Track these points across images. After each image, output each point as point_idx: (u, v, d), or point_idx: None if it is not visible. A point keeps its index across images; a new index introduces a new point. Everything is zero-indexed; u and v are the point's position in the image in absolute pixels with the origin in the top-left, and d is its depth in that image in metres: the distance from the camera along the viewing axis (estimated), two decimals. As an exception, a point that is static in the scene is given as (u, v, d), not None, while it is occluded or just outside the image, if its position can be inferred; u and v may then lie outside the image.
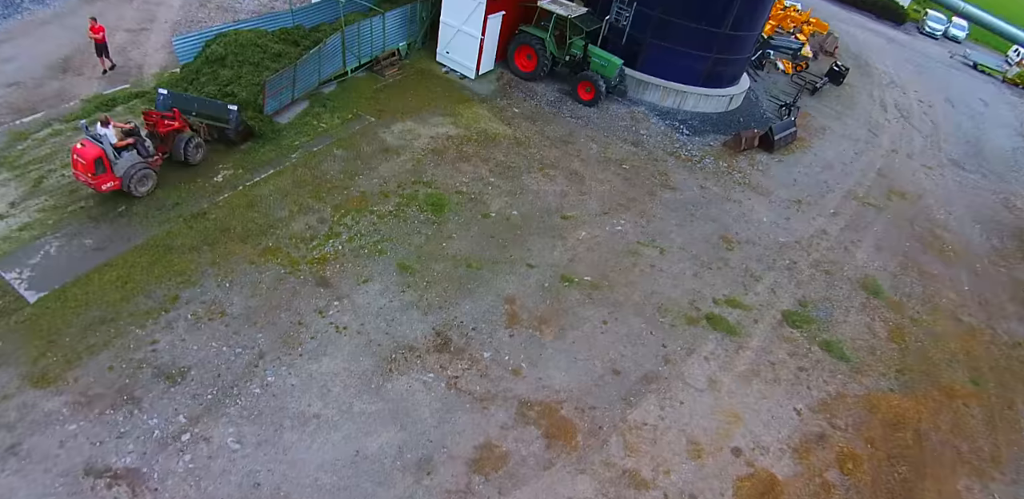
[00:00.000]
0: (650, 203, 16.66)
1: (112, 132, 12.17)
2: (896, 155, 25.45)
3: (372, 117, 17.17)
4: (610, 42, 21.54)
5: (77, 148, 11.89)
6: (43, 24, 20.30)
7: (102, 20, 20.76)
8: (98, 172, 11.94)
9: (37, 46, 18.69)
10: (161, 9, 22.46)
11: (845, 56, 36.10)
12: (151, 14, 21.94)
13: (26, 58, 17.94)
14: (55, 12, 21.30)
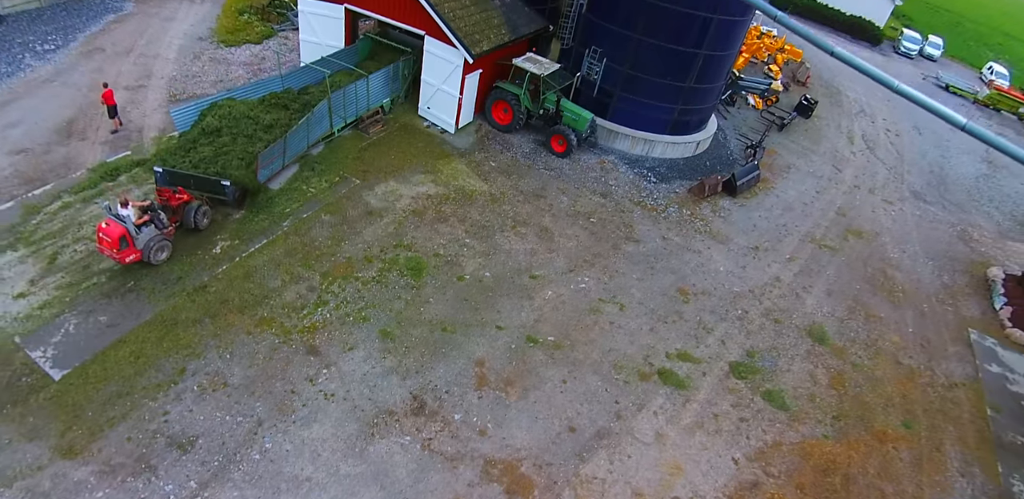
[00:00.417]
0: (614, 257, 18.40)
1: (132, 212, 13.84)
2: (858, 191, 27.28)
3: (357, 179, 18.86)
4: (582, 94, 23.31)
5: (102, 227, 13.58)
6: (46, 82, 21.91)
7: (101, 75, 22.55)
8: (122, 248, 13.66)
9: (41, 108, 20.30)
10: (157, 62, 24.08)
11: (817, 84, 37.98)
12: (148, 69, 23.55)
13: (31, 121, 19.56)
14: (56, 68, 22.92)
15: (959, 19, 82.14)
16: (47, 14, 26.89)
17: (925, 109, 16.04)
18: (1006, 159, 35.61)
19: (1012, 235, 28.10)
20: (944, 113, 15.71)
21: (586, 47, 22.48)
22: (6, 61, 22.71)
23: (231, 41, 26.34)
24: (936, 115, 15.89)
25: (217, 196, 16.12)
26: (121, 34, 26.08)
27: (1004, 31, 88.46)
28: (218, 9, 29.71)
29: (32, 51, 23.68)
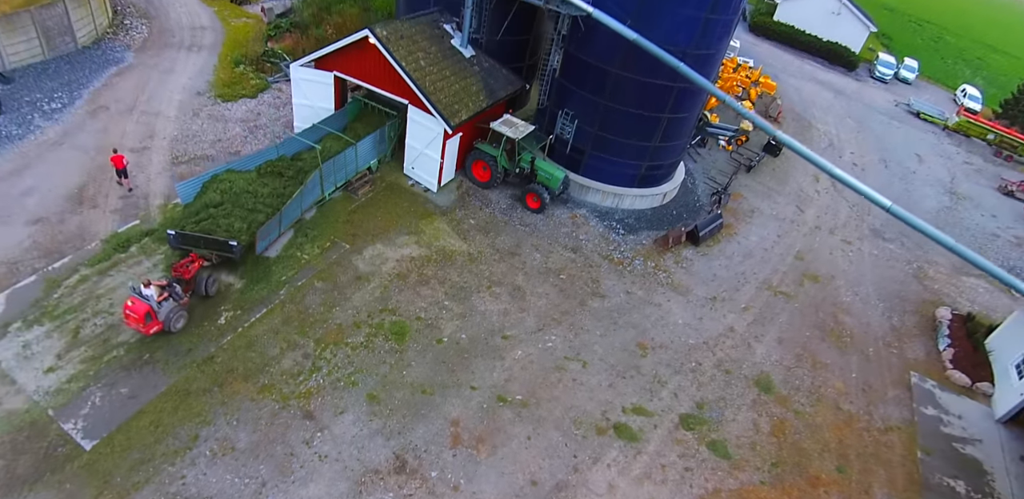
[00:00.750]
0: (580, 314, 20.63)
1: (154, 291, 16.01)
2: (818, 232, 29.56)
3: (347, 243, 21.02)
4: (556, 151, 25.51)
5: (128, 305, 15.77)
6: (55, 145, 23.97)
7: (106, 135, 24.67)
8: (147, 322, 15.88)
9: (53, 173, 22.38)
10: (159, 121, 26.17)
11: (789, 117, 40.23)
12: (150, 128, 25.64)
13: (45, 188, 21.64)
14: (64, 128, 24.99)
15: (941, 32, 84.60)
16: (52, 68, 28.92)
17: (856, 191, 18.13)
18: (970, 190, 38.04)
19: (967, 270, 30.34)
20: (871, 196, 17.88)
21: (559, 108, 24.68)
22: (16, 122, 24.78)
23: (228, 95, 28.42)
24: (865, 197, 18.00)
25: (225, 254, 18.32)
26: (123, 89, 28.15)
27: (986, 42, 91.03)
28: (215, 59, 31.80)
29: (40, 110, 25.73)
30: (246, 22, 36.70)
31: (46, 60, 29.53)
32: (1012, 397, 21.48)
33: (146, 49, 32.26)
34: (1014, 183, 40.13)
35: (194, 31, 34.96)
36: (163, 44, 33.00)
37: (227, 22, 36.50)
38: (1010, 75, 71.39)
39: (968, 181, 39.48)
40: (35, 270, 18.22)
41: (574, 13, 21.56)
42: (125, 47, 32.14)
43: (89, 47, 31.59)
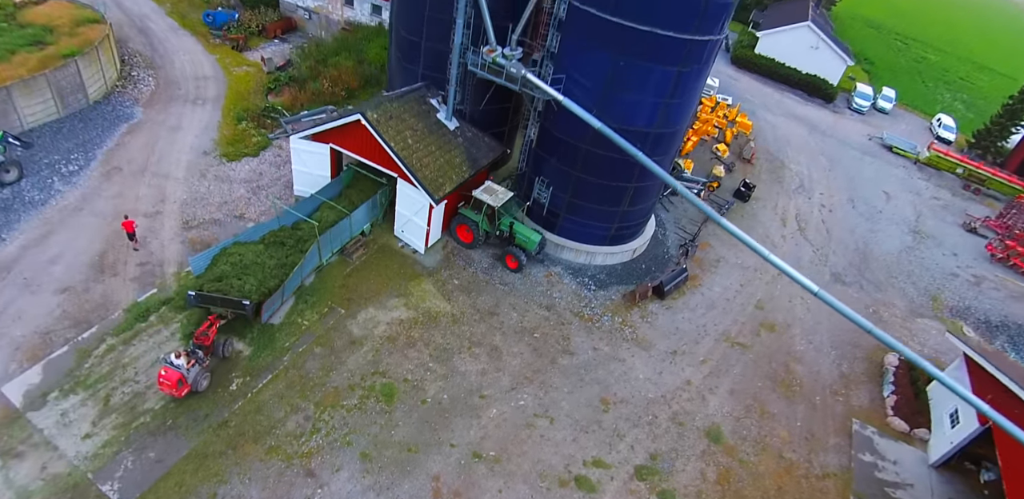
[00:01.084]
0: (550, 372, 23.49)
1: (184, 361, 18.88)
2: (780, 279, 32.33)
3: (342, 308, 23.86)
4: (534, 212, 28.36)
5: (162, 374, 18.78)
6: (75, 211, 26.73)
7: (121, 199, 27.45)
8: (179, 387, 18.80)
9: (75, 241, 25.16)
10: (169, 183, 28.94)
11: (763, 158, 43.04)
12: (162, 191, 28.41)
13: (69, 256, 24.43)
14: (82, 193, 27.75)
15: (925, 51, 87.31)
16: (66, 127, 31.68)
17: (788, 276, 20.75)
18: (934, 227, 40.80)
19: (922, 311, 33.32)
20: (801, 281, 20.46)
21: (536, 175, 27.50)
22: (38, 187, 27.56)
23: (232, 155, 31.20)
24: (796, 282, 20.64)
25: (238, 311, 21.24)
26: (134, 149, 30.91)
27: (971, 59, 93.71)
28: (218, 114, 34.57)
29: (59, 173, 28.50)
30: (247, 71, 39.44)
31: (60, 118, 32.31)
32: (944, 444, 24.29)
33: (154, 103, 35.02)
34: (978, 219, 43.02)
35: (198, 82, 37.70)
36: (169, 97, 35.75)
37: (229, 71, 39.25)
38: (990, 97, 74.23)
39: (934, 218, 42.33)
40: (67, 340, 21.04)
41: (547, 98, 24.35)
42: (134, 101, 34.90)
43: (100, 102, 34.38)
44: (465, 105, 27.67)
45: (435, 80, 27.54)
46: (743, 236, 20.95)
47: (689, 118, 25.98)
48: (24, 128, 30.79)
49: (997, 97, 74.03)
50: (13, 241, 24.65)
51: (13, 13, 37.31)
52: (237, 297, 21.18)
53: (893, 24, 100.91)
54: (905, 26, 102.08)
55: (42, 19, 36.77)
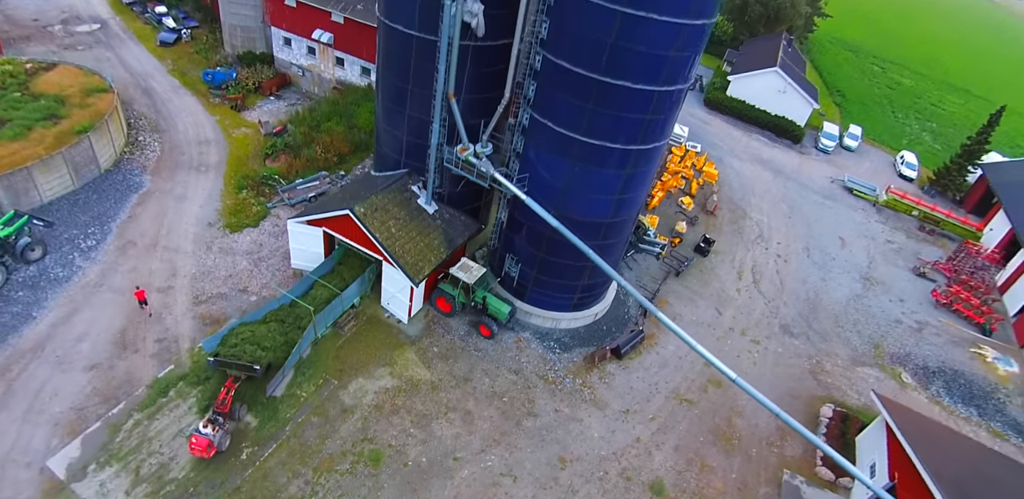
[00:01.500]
0: (516, 434, 27.63)
1: (210, 429, 23.01)
2: (731, 334, 36.54)
3: (335, 380, 27.94)
4: (506, 283, 32.46)
5: (193, 442, 23.02)
6: (96, 287, 30.69)
7: (136, 274, 31.38)
8: (208, 450, 23.03)
9: (98, 318, 29.12)
10: (178, 257, 32.92)
11: (726, 208, 47.13)
12: (172, 265, 32.38)
13: (94, 334, 28.41)
14: (101, 268, 31.71)
15: (901, 75, 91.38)
16: (81, 198, 35.57)
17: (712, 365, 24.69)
18: (885, 273, 44.90)
19: (864, 360, 37.50)
20: (721, 369, 24.35)
21: (507, 252, 31.58)
22: (61, 263, 31.52)
23: (234, 226, 35.16)
24: (718, 370, 24.58)
25: (250, 374, 25.40)
26: (145, 221, 34.83)
27: (948, 81, 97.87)
28: (220, 182, 38.51)
29: (79, 248, 32.44)
30: (245, 133, 43.36)
31: (76, 190, 36.22)
32: (862, 495, 28.47)
33: (160, 171, 38.95)
34: (928, 263, 47.23)
35: (200, 146, 41.62)
36: (175, 164, 39.67)
37: (228, 134, 43.17)
38: (959, 124, 78.53)
39: (886, 263, 46.49)
40: (99, 416, 25.09)
41: (512, 194, 28.39)
42: (142, 169, 38.82)
43: (111, 170, 38.31)
44: (443, 187, 31.67)
45: (417, 145, 31.05)
46: (674, 327, 24.93)
47: (639, 207, 30.03)
48: (43, 202, 34.71)
49: (965, 124, 78.52)
50: (43, 319, 28.65)
51: (26, 81, 41.22)
52: (249, 362, 25.38)
53: (873, 45, 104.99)
54: (885, 47, 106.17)
55: (54, 88, 40.66)
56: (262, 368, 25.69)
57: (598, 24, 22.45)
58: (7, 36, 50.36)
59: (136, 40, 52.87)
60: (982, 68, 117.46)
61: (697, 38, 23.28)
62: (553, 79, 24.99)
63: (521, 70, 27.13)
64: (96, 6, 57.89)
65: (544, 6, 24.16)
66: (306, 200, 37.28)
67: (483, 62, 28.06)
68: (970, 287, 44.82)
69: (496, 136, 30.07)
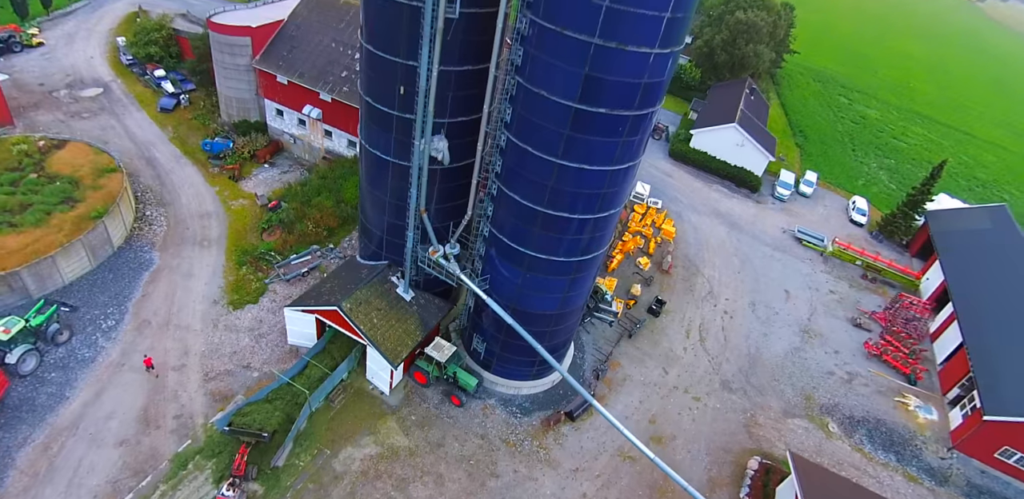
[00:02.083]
0: (480, 494, 33.54)
1: (233, 492, 28.81)
2: (675, 392, 42.50)
3: (328, 449, 33.75)
4: (474, 355, 38.35)
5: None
6: (118, 367, 36.30)
7: (152, 352, 37.06)
8: None
9: (123, 397, 34.77)
10: (189, 336, 38.57)
11: (680, 265, 53.00)
12: (184, 344, 38.03)
13: (121, 412, 34.05)
14: (121, 348, 37.32)
15: (869, 105, 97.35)
16: (99, 278, 41.11)
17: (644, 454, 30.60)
18: (824, 325, 50.94)
19: (795, 412, 43.52)
20: (640, 448, 30.33)
21: (474, 332, 37.40)
22: (86, 344, 37.11)
23: (237, 302, 40.79)
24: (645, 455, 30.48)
25: (260, 439, 31.23)
26: (158, 300, 40.41)
27: (914, 109, 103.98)
28: (222, 257, 44.09)
29: (100, 329, 38.02)
30: (243, 205, 48.90)
31: (93, 270, 41.74)
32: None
33: (167, 246, 44.50)
34: (867, 313, 53.29)
35: (202, 220, 47.15)
36: (180, 239, 45.22)
37: (227, 205, 48.70)
38: (917, 159, 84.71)
39: (826, 315, 52.48)
40: (130, 488, 30.84)
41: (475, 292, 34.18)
42: (151, 245, 44.37)
43: (123, 246, 43.86)
44: (420, 276, 37.42)
45: (395, 243, 36.55)
46: (605, 414, 30.70)
47: (585, 300, 35.88)
48: (65, 283, 40.24)
49: (924, 158, 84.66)
50: (75, 398, 34.31)
51: (40, 160, 46.63)
52: (258, 429, 31.23)
53: (843, 73, 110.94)
54: (855, 74, 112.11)
55: (67, 168, 46.06)
56: (270, 435, 31.48)
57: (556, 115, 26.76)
58: (16, 104, 55.47)
59: (138, 105, 58.17)
60: (952, 88, 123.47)
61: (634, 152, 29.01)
62: (509, 207, 30.75)
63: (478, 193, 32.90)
64: (98, 67, 63.08)
65: (498, 145, 29.90)
66: (300, 275, 42.96)
67: (449, 179, 33.74)
68: (901, 338, 50.93)
69: (464, 237, 35.83)
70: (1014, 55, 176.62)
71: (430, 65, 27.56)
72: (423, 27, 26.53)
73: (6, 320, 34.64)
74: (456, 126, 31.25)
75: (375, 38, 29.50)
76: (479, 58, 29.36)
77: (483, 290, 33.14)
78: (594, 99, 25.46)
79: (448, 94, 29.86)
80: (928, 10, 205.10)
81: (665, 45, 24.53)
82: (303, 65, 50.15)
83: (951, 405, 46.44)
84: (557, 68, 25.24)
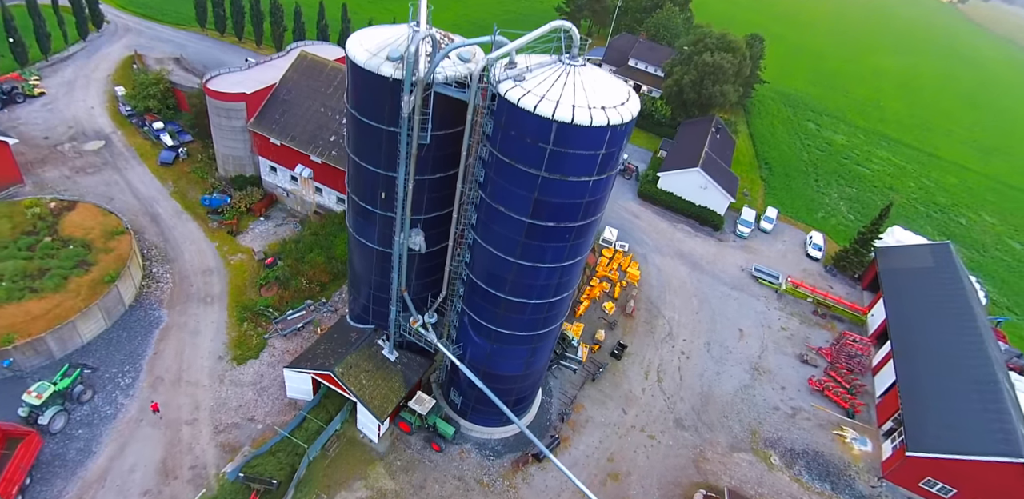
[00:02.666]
0: (457, 533, 39.63)
1: None
2: (632, 431, 48.57)
3: (324, 494, 39.64)
4: (452, 404, 44.29)
5: None
6: (138, 422, 41.95)
7: (166, 408, 42.62)
8: None
9: (143, 450, 40.47)
10: (198, 391, 44.25)
11: (643, 307, 59.01)
12: (195, 399, 43.72)
13: (142, 465, 39.77)
14: (139, 404, 42.96)
15: (836, 129, 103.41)
16: (114, 337, 46.60)
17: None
18: (773, 361, 57.16)
19: (741, 446, 49.71)
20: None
21: (451, 386, 43.32)
22: (107, 402, 42.71)
23: (240, 358, 46.45)
24: None
25: (269, 487, 37.10)
26: (168, 357, 45.98)
27: (882, 131, 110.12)
28: (225, 314, 49.66)
29: (119, 387, 43.60)
30: (241, 260, 54.40)
31: (108, 329, 47.23)
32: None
33: (174, 304, 50.02)
34: (815, 349, 59.49)
35: (204, 276, 52.64)
36: (185, 296, 50.73)
37: (227, 260, 54.19)
38: (879, 186, 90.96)
39: (776, 352, 58.65)
40: (156, 535, 36.70)
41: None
42: (159, 303, 49.87)
43: (134, 305, 49.33)
44: (403, 337, 43.21)
45: (381, 283, 42.16)
46: (564, 471, 36.87)
47: (546, 362, 41.84)
48: (83, 343, 45.70)
49: (887, 183, 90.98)
50: (102, 453, 39.97)
51: (53, 223, 51.87)
52: (268, 477, 37.14)
53: (814, 94, 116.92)
54: (825, 96, 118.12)
55: (79, 231, 51.36)
56: (278, 483, 37.31)
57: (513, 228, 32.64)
58: (24, 159, 60.42)
59: (139, 159, 63.33)
60: (922, 105, 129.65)
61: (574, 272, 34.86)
62: (478, 292, 36.56)
63: (455, 271, 38.67)
64: (98, 118, 68.10)
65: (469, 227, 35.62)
66: (296, 330, 48.65)
67: (427, 259, 39.43)
68: (843, 373, 57.14)
69: (442, 307, 41.63)
70: (991, 59, 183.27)
71: (406, 177, 33.22)
72: (400, 150, 32.18)
73: (37, 386, 40.14)
74: (431, 220, 36.91)
75: (360, 152, 35.00)
76: (449, 166, 34.93)
77: (457, 356, 39.03)
78: (543, 216, 31.18)
79: (423, 196, 35.48)
80: (908, 14, 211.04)
81: (601, 173, 30.26)
82: (294, 129, 55.53)
83: (885, 437, 52.79)
84: (512, 191, 30.93)
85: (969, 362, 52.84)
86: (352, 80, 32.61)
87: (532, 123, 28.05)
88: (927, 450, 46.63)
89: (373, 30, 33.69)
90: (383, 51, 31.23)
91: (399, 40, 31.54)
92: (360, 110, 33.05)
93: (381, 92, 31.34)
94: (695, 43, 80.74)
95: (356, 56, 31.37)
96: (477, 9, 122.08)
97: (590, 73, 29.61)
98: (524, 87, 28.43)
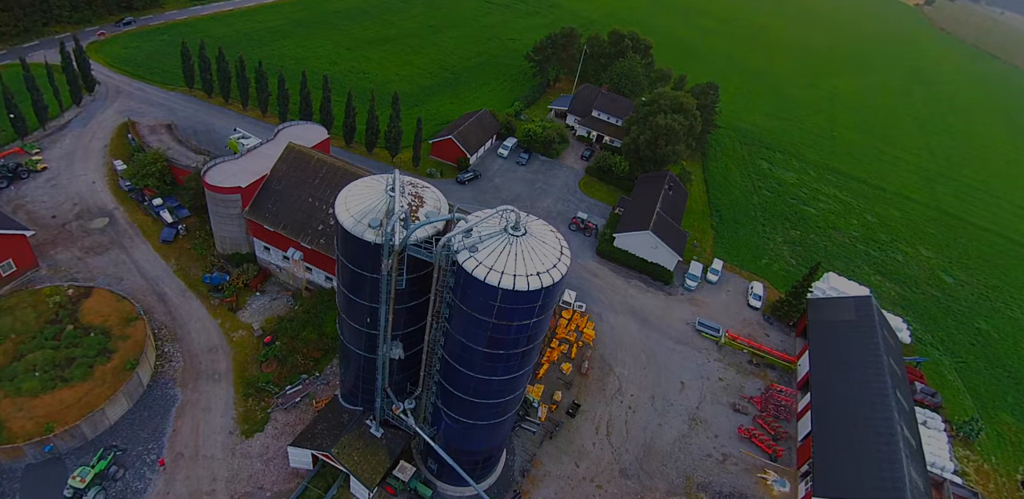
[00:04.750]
0: (436, 580, 49.86)
1: None
2: (583, 483, 58.85)
3: (325, 553, 49.66)
4: (428, 469, 54.38)
5: None
6: (165, 496, 51.51)
7: (187, 481, 52.26)
8: None
9: (174, 517, 50.13)
10: (214, 464, 53.76)
11: (597, 366, 69.24)
12: (212, 472, 53.26)
13: (173, 529, 49.48)
14: (165, 479, 52.44)
15: (789, 164, 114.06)
16: (136, 417, 55.79)
17: None
18: (709, 412, 68.03)
19: (676, 491, 60.28)
20: None
21: (428, 454, 53.36)
22: (137, 477, 52.10)
23: (248, 432, 55.92)
24: None
25: None
26: (186, 434, 55.35)
27: (833, 166, 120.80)
28: (231, 390, 59.01)
29: (146, 464, 52.96)
30: (242, 336, 63.60)
31: (131, 409, 56.39)
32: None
33: (187, 382, 59.26)
34: (747, 398, 70.09)
35: (211, 353, 61.82)
36: (196, 374, 59.94)
37: (230, 337, 63.38)
38: (823, 227, 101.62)
39: (712, 402, 69.19)
40: (190, 592, 46.48)
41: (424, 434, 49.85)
42: (172, 381, 59.08)
43: (151, 384, 58.50)
44: (388, 416, 52.97)
45: (367, 378, 51.82)
46: None
47: (505, 438, 51.88)
48: (110, 424, 54.83)
49: (832, 223, 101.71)
50: (139, 523, 49.56)
51: (73, 311, 60.56)
52: None
53: (770, 129, 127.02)
54: (781, 129, 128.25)
55: (97, 318, 60.12)
56: None
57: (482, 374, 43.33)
58: (36, 241, 68.51)
59: (141, 236, 71.75)
60: (873, 131, 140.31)
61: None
62: (447, 393, 46.40)
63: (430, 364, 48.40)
64: (100, 193, 76.23)
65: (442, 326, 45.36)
66: (295, 403, 58.21)
67: (406, 360, 49.12)
68: (769, 421, 67.89)
69: (418, 395, 51.45)
70: (947, 72, 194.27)
71: (387, 310, 42.79)
72: (381, 293, 41.68)
73: (80, 471, 49.40)
74: (408, 333, 46.59)
75: (350, 288, 44.41)
76: (421, 295, 44.49)
77: (431, 436, 49.01)
78: (496, 345, 41.00)
79: (401, 318, 45.09)
80: (872, 31, 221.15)
81: (539, 315, 40.05)
82: (286, 218, 64.51)
83: (802, 478, 63.77)
84: (471, 329, 40.64)
85: (874, 413, 63.69)
86: (342, 238, 41.87)
87: (483, 288, 37.65)
88: (830, 494, 57.51)
89: (356, 189, 42.79)
90: (365, 218, 40.48)
91: (378, 205, 40.80)
92: (349, 260, 42.44)
93: (365, 251, 40.71)
94: (650, 103, 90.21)
95: (344, 222, 40.62)
96: (451, 53, 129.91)
97: (528, 240, 39.09)
98: (477, 259, 37.96)
